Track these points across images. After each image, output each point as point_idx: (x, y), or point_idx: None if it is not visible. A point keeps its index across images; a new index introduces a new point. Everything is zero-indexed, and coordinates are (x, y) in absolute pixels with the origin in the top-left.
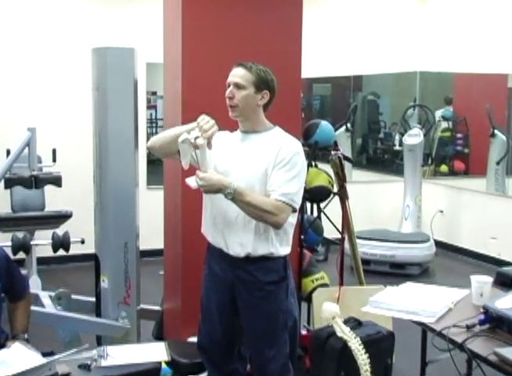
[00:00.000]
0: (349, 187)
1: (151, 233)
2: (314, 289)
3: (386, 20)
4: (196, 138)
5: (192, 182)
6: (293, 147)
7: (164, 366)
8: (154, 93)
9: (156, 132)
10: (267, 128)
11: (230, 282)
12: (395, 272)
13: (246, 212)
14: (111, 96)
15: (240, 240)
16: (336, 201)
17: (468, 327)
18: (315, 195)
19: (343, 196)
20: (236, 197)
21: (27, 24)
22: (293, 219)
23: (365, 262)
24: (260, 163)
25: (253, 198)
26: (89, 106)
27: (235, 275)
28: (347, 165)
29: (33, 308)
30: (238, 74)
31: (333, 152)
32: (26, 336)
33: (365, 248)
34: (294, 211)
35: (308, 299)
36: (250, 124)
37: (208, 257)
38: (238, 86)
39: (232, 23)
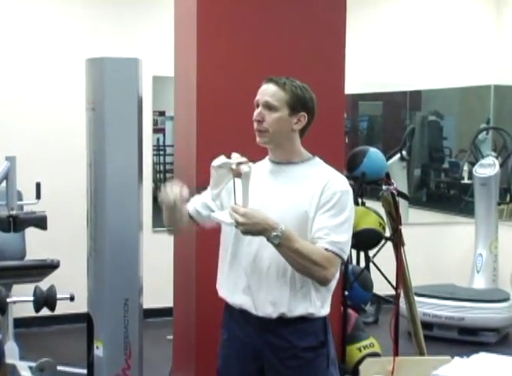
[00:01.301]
0: (405, 231)
1: (157, 288)
2: (361, 359)
3: (451, 25)
4: (240, 163)
5: (224, 217)
6: (341, 185)
7: None
8: (162, 113)
9: (165, 162)
10: (304, 158)
11: (257, 349)
12: (465, 339)
13: (290, 262)
14: (110, 117)
15: (273, 297)
16: (388, 248)
17: None
18: (362, 240)
19: (397, 242)
20: (282, 242)
21: (9, 31)
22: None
23: (427, 325)
24: (298, 203)
25: (301, 245)
26: (82, 130)
27: (263, 340)
28: (402, 203)
29: None
30: (268, 92)
31: (384, 186)
32: None
33: (427, 308)
34: (342, 263)
35: (355, 372)
36: (283, 154)
37: (227, 319)
38: (269, 107)
39: (260, 30)
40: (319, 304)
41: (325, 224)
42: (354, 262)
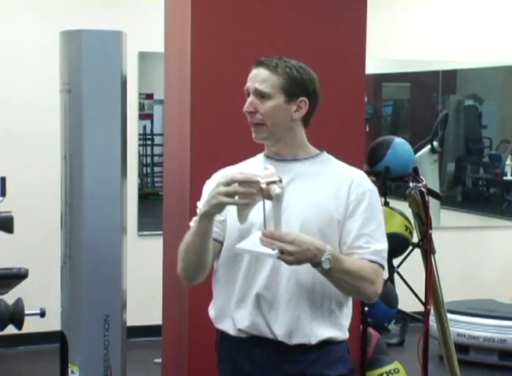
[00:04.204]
0: (436, 236)
1: (143, 303)
2: None
3: None
4: (270, 183)
5: (258, 247)
6: (368, 183)
7: None
8: (150, 96)
9: (152, 153)
10: (312, 153)
11: None
12: (507, 364)
13: (339, 284)
14: (88, 101)
15: (290, 318)
16: (416, 257)
17: None
18: None
19: (427, 248)
20: (332, 266)
21: None
22: None
23: (462, 348)
24: (322, 205)
25: (350, 263)
26: (56, 116)
27: (281, 372)
28: (432, 203)
29: None
30: (259, 78)
31: (411, 183)
32: None
33: (462, 328)
34: None
35: None
36: (285, 149)
37: (228, 350)
38: (261, 95)
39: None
40: (344, 323)
41: (362, 230)
42: None
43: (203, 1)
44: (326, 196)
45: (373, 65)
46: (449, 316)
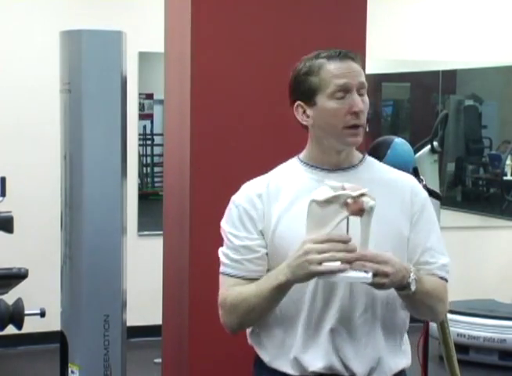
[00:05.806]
0: None
1: (143, 303)
2: None
3: None
4: (360, 196)
5: (350, 271)
6: (421, 189)
7: None
8: (150, 96)
9: (152, 154)
10: (360, 157)
11: None
12: (507, 364)
13: (417, 307)
14: (88, 101)
15: (370, 352)
16: None
17: None
18: None
19: None
20: (417, 287)
21: None
22: None
23: (462, 348)
24: (390, 219)
25: (426, 282)
26: (56, 116)
27: None
28: (432, 203)
29: None
30: (357, 71)
31: None
32: None
33: (462, 328)
34: None
35: None
36: (346, 154)
37: None
38: (361, 91)
39: None
40: (409, 349)
41: (427, 244)
42: None
43: (203, 1)
44: (392, 209)
45: (373, 65)
46: (449, 316)
